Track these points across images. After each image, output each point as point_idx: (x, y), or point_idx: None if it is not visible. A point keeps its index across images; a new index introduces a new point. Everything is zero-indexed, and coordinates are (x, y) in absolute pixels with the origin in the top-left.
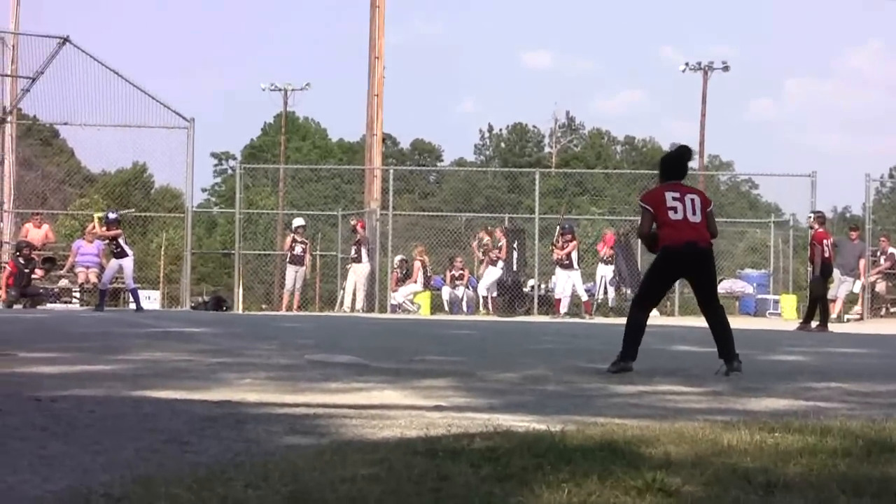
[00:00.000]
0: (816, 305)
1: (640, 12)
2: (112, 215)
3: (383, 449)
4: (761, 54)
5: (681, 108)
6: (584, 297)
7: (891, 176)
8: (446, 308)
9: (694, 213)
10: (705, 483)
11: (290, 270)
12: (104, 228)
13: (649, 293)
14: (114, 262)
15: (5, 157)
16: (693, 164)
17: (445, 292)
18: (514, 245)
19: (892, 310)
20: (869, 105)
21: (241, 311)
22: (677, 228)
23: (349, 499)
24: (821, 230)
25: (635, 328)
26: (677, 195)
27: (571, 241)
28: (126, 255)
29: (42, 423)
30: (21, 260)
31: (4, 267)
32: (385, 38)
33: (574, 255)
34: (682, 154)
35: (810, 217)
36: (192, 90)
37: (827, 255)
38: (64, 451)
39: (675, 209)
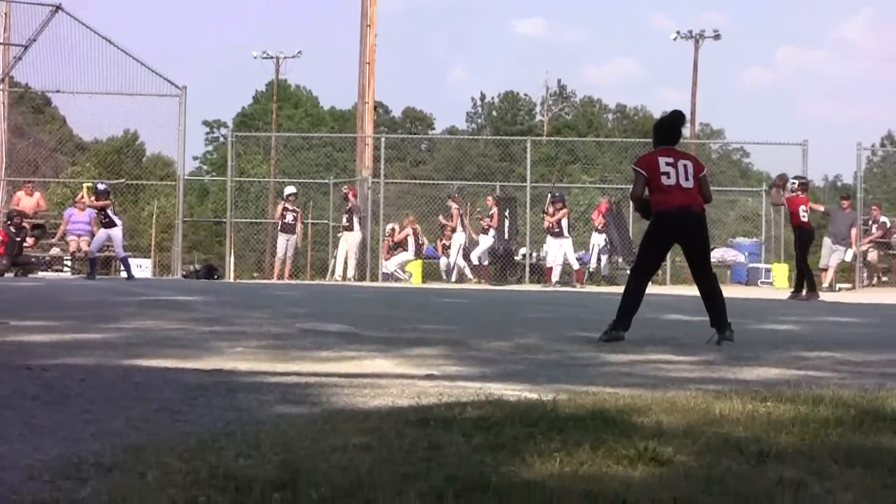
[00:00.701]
0: (804, 273)
1: None
2: (101, 186)
3: (375, 418)
4: (752, 22)
5: (672, 76)
6: (576, 266)
7: (882, 145)
8: (444, 277)
9: (686, 179)
10: (697, 452)
11: (282, 239)
12: (93, 199)
13: (646, 261)
14: (102, 232)
15: None
16: (685, 132)
17: (443, 262)
18: (506, 213)
19: (883, 279)
20: (861, 73)
21: (232, 280)
22: (670, 193)
23: (341, 468)
24: (801, 196)
25: (632, 297)
26: (670, 160)
27: (562, 209)
28: (114, 224)
29: (33, 391)
30: (12, 228)
31: None
32: (377, 6)
33: (564, 223)
34: (674, 119)
35: (794, 183)
36: (184, 57)
37: (805, 219)
38: (55, 419)
39: (667, 174)
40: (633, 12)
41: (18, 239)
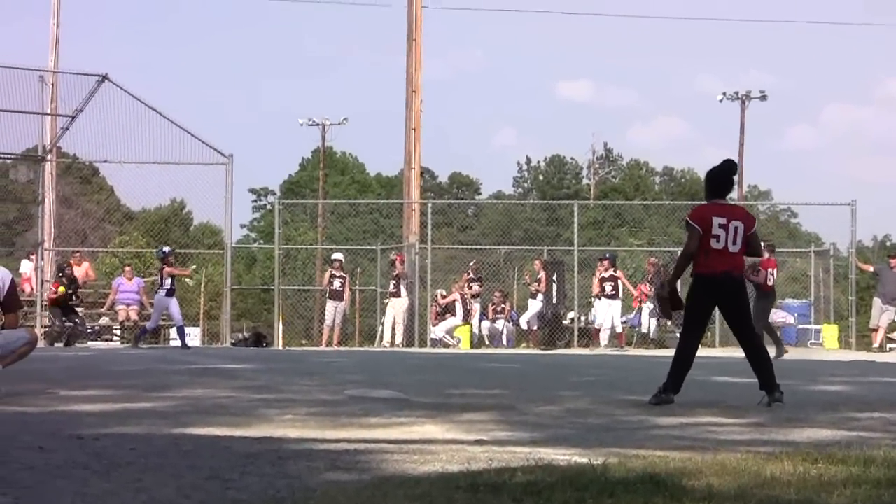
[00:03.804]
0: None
1: (677, 42)
2: (167, 249)
3: (425, 484)
4: (799, 82)
5: (719, 137)
6: (619, 329)
7: None
8: (486, 342)
9: (734, 243)
10: None
11: (330, 305)
12: (171, 264)
13: (692, 323)
14: (160, 303)
15: (46, 196)
16: (733, 194)
17: (484, 326)
18: (554, 278)
19: None
20: None
21: (281, 347)
22: (715, 258)
23: None
24: (769, 258)
25: (682, 360)
26: (723, 221)
27: (610, 268)
28: (174, 294)
29: (84, 461)
30: (64, 280)
31: (45, 304)
32: (422, 72)
33: (619, 285)
34: (726, 169)
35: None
36: (230, 126)
37: (770, 283)
38: (106, 488)
39: (718, 237)
40: (678, 73)
41: (70, 291)
